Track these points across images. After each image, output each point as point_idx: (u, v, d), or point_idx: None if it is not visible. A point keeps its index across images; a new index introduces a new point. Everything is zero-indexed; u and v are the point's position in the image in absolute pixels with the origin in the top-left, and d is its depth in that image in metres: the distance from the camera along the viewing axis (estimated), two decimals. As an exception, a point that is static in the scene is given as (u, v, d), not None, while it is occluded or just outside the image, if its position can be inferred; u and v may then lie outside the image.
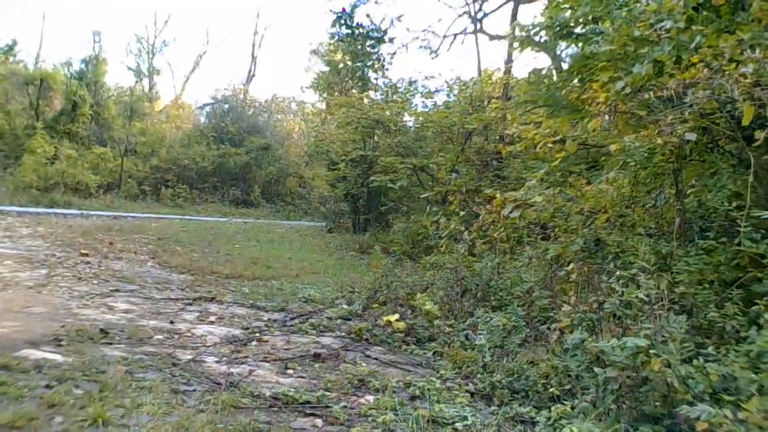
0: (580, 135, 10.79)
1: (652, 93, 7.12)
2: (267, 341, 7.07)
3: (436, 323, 7.90)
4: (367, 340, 7.53)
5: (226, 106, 47.17)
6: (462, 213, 11.71)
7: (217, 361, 6.02)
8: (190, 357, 6.06)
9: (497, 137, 19.70)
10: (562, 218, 8.93)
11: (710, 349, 4.91)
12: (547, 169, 9.91)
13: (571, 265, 7.35)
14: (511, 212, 9.25)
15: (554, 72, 26.45)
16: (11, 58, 40.24)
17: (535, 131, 10.63)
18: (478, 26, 29.33)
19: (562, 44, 14.88)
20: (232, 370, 5.77)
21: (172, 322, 7.57)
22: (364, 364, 6.37)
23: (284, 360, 6.30)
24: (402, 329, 7.74)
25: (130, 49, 55.05)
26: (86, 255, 13.02)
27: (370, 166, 24.08)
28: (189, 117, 49.53)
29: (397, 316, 8.00)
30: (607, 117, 8.37)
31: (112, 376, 5.14)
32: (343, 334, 7.79)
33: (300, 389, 5.33)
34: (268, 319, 8.39)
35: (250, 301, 9.59)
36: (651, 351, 4.49)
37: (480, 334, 7.02)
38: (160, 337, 6.81)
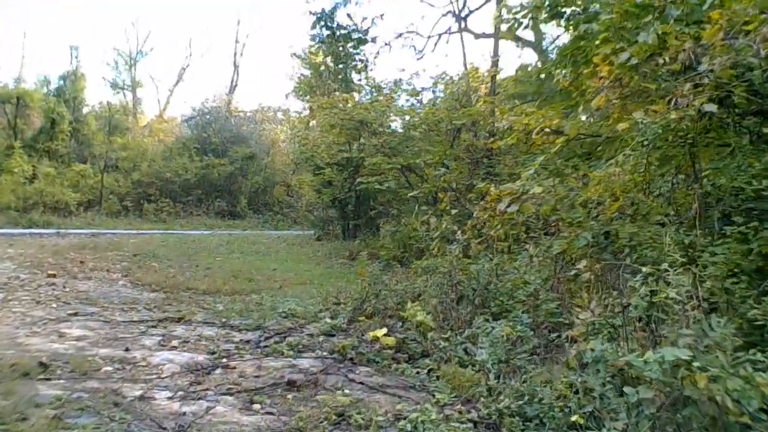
0: (576, 123, 9.98)
1: (663, 59, 6.24)
2: (234, 368, 6.10)
3: (430, 336, 6.91)
4: (351, 359, 6.54)
5: (209, 116, 46.20)
6: (454, 212, 10.79)
7: (169, 397, 5.05)
8: (138, 393, 5.09)
9: (486, 133, 18.90)
10: (565, 210, 8.01)
11: (758, 354, 3.97)
12: (546, 157, 9.02)
13: (583, 263, 6.41)
14: (508, 207, 8.33)
15: (540, 65, 25.94)
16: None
17: (528, 119, 9.80)
18: (463, 25, 28.80)
19: (549, 37, 14.25)
20: (185, 408, 4.80)
21: (127, 350, 6.60)
22: (346, 391, 5.42)
23: (251, 391, 5.32)
24: (391, 345, 6.78)
25: (107, 62, 54.00)
26: (53, 276, 12.12)
27: (357, 169, 23.21)
28: (172, 130, 48.53)
29: (385, 330, 7.02)
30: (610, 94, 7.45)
31: (34, 424, 4.20)
32: (324, 353, 6.81)
33: (265, 431, 4.39)
34: (240, 341, 7.40)
35: (223, 320, 8.60)
36: (694, 364, 3.57)
37: (481, 347, 6.08)
38: (109, 368, 5.85)
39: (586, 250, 7.03)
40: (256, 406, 4.95)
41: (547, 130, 9.73)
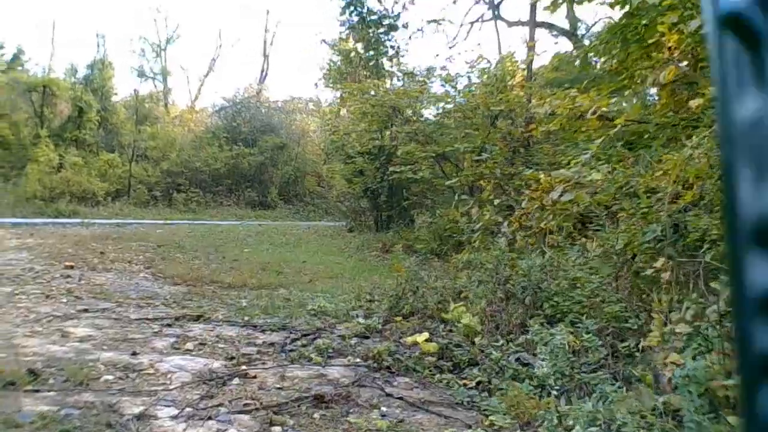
0: (637, 104, 9.14)
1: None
2: (254, 377, 5.31)
3: (478, 342, 6.10)
4: (389, 368, 5.73)
5: (239, 106, 45.55)
6: (497, 201, 9.95)
7: (174, 416, 4.27)
8: (138, 410, 4.32)
9: (523, 120, 18.03)
10: (627, 200, 7.13)
11: None
12: (603, 140, 8.14)
13: (660, 261, 5.53)
14: (561, 195, 7.48)
15: (575, 53, 25.00)
16: (19, 68, 38.75)
17: (571, 103, 8.98)
18: (496, 13, 28.12)
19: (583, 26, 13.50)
20: (191, 431, 4.03)
21: (134, 354, 5.84)
22: (384, 409, 4.62)
23: (272, 408, 4.53)
24: (433, 352, 5.96)
25: (135, 50, 53.49)
26: (71, 267, 11.44)
27: (389, 158, 22.39)
28: (203, 120, 47.97)
29: (426, 335, 6.18)
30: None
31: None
32: (358, 359, 6.01)
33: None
34: (263, 343, 6.61)
35: (246, 318, 7.83)
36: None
37: (540, 358, 5.24)
38: (109, 377, 5.09)
39: (652, 245, 6.17)
40: (276, 429, 4.15)
41: (604, 110, 8.89)
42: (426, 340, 6.03)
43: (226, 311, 8.30)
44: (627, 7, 9.64)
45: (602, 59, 11.48)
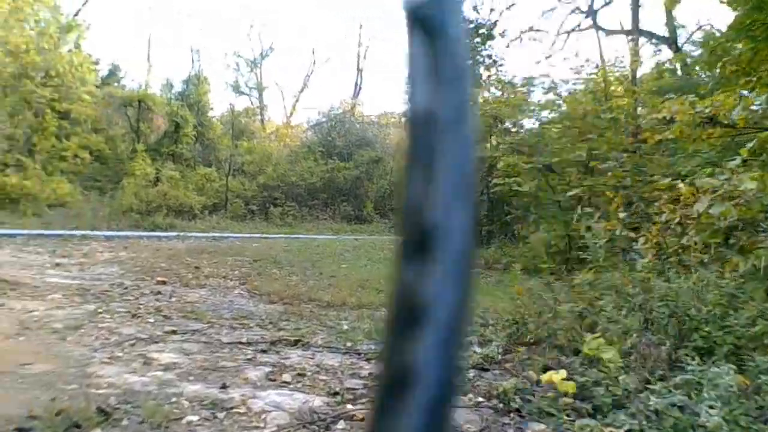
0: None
1: None
2: (362, 420, 4.48)
3: (622, 380, 5.10)
4: (518, 411, 4.81)
5: (333, 121, 45.45)
6: (622, 215, 8.92)
7: (268, 476, 3.49)
8: (226, 465, 3.56)
9: (631, 129, 16.97)
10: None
11: None
12: (753, 144, 7.08)
13: None
14: (709, 208, 6.45)
15: (677, 65, 23.96)
16: (114, 84, 39.57)
17: (691, 110, 8.04)
18: (593, 21, 27.64)
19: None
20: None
21: (224, 387, 5.07)
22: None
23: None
24: (570, 392, 4.99)
25: (230, 65, 54.25)
26: (163, 283, 10.99)
27: (489, 171, 21.52)
28: (298, 135, 48.12)
29: (564, 373, 5.19)
30: None
31: None
32: (479, 398, 5.11)
33: None
34: (369, 375, 5.80)
35: (348, 344, 7.03)
36: None
37: (706, 404, 4.24)
38: (194, 417, 4.32)
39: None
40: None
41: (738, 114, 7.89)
42: (563, 379, 5.06)
43: (326, 335, 7.53)
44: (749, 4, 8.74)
45: (720, 63, 10.55)
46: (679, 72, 24.56)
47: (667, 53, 27.26)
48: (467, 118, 0.61)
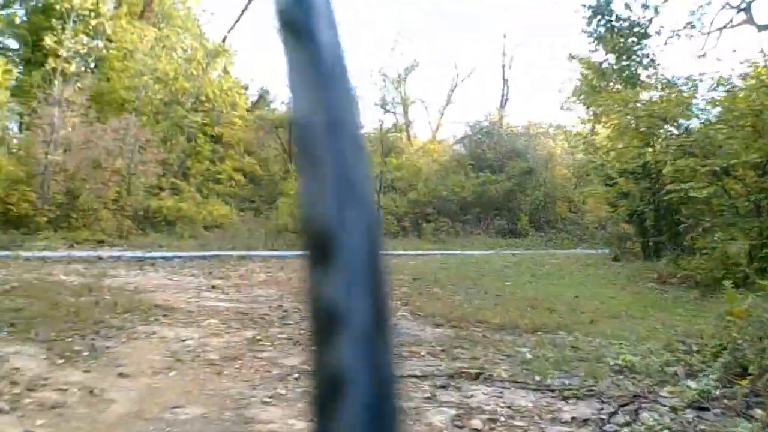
0: None
1: None
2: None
3: None
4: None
5: (481, 134, 44.52)
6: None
7: None
8: None
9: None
10: None
11: None
12: None
13: None
14: None
15: None
16: (265, 108, 40.33)
17: None
18: (747, 16, 26.11)
19: None
20: None
21: (407, 437, 4.31)
22: None
23: None
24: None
25: (375, 83, 54.24)
26: (325, 305, 10.39)
27: (657, 177, 20.03)
28: (445, 150, 47.53)
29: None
30: None
31: None
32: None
33: None
34: (572, 420, 4.84)
35: (536, 377, 6.10)
36: None
37: None
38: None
39: None
40: None
41: None
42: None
43: (508, 365, 6.64)
44: None
45: None
46: None
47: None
48: (350, 121, 0.59)
